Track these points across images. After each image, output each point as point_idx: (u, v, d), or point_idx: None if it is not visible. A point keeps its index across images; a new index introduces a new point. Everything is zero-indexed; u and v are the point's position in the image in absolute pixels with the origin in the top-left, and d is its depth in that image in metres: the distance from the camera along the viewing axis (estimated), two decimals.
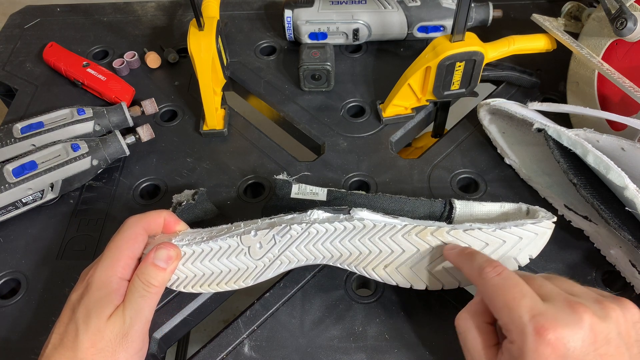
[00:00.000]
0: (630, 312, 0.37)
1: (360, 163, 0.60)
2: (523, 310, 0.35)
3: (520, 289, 0.37)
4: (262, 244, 0.45)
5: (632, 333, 0.37)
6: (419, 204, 0.50)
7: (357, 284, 0.52)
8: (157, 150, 0.63)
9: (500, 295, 0.37)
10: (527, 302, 0.36)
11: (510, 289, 0.37)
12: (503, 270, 0.39)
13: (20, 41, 0.77)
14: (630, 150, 0.48)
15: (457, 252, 0.43)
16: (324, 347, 0.47)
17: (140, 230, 0.45)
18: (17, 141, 0.58)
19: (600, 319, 0.35)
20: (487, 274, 0.39)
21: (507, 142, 0.59)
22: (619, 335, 0.36)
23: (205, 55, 0.57)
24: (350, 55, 0.72)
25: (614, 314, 0.36)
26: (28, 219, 0.57)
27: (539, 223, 0.44)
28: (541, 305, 0.36)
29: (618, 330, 0.36)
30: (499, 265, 0.39)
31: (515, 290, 0.37)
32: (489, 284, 0.38)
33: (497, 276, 0.38)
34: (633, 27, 0.52)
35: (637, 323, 0.37)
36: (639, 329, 0.37)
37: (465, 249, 0.43)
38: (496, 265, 0.39)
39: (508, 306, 0.36)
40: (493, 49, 0.58)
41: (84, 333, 0.40)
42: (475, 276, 0.40)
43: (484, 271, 0.39)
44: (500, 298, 0.37)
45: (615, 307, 0.36)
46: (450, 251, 0.43)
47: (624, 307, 0.37)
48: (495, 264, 0.39)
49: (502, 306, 0.37)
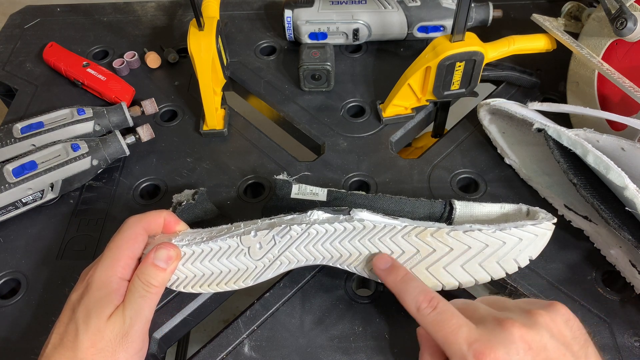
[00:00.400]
0: (558, 313, 0.38)
1: (360, 163, 0.60)
2: (461, 340, 0.37)
3: (456, 320, 0.38)
4: (262, 244, 0.45)
5: (566, 332, 0.38)
6: (418, 205, 0.50)
7: (357, 284, 0.52)
8: (157, 150, 0.63)
9: (439, 331, 0.38)
10: (464, 332, 0.37)
11: (446, 323, 0.38)
12: (437, 302, 0.40)
13: (20, 41, 0.77)
14: (630, 150, 0.48)
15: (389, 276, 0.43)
16: (324, 347, 0.47)
17: (140, 230, 0.45)
18: (17, 141, 0.58)
19: (528, 327, 0.37)
20: (424, 311, 0.40)
21: (507, 142, 0.59)
22: (553, 337, 0.37)
23: (205, 55, 0.57)
24: (350, 55, 0.72)
25: (542, 319, 0.37)
26: (28, 219, 0.57)
27: (539, 224, 0.44)
28: (475, 332, 0.37)
29: (551, 334, 0.37)
30: (433, 296, 0.40)
31: (451, 323, 0.38)
32: (427, 320, 0.40)
33: (433, 311, 0.40)
34: (633, 27, 0.52)
35: (569, 321, 0.38)
36: (572, 326, 0.38)
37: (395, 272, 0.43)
38: (430, 299, 0.40)
39: (447, 341, 0.38)
40: (493, 49, 0.58)
41: (84, 333, 0.40)
42: (412, 312, 0.41)
43: (420, 308, 0.40)
44: (440, 334, 0.38)
45: (542, 312, 0.38)
46: (381, 271, 0.44)
47: (552, 309, 0.38)
48: (429, 296, 0.40)
49: (443, 342, 0.38)
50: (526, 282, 0.50)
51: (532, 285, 0.50)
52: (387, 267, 0.44)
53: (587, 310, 0.48)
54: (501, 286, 0.50)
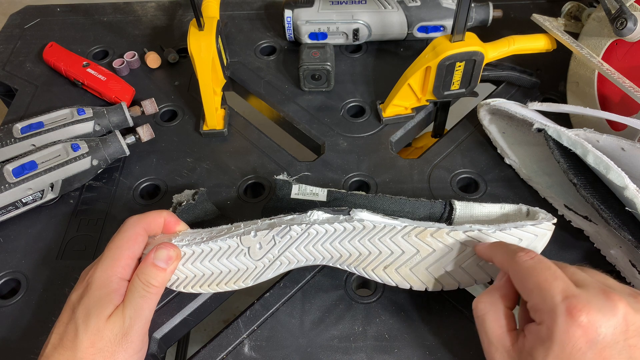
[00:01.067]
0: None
1: (360, 163, 0.60)
2: (555, 290, 0.35)
3: (554, 272, 0.37)
4: (262, 244, 0.45)
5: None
6: (419, 205, 0.50)
7: (357, 284, 0.52)
8: (157, 150, 0.63)
9: (533, 276, 0.37)
10: (560, 284, 0.36)
11: (543, 271, 0.37)
12: (536, 255, 0.39)
13: (20, 41, 0.77)
14: (630, 150, 0.48)
15: (489, 244, 0.43)
16: (324, 347, 0.47)
17: (141, 230, 0.45)
18: (17, 141, 0.58)
19: (634, 310, 0.35)
20: (520, 257, 0.39)
21: (507, 142, 0.59)
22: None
23: (205, 55, 0.57)
24: (350, 55, 0.72)
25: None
26: (28, 219, 0.57)
27: (538, 224, 0.44)
28: (575, 289, 0.35)
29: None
30: (532, 251, 0.39)
31: (548, 272, 0.37)
32: (522, 266, 0.38)
33: (530, 259, 0.38)
34: (633, 27, 0.52)
35: None
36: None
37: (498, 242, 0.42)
38: (529, 251, 0.39)
39: (540, 287, 0.36)
40: (493, 49, 0.58)
41: (83, 333, 0.40)
42: (507, 260, 0.40)
43: (517, 255, 0.39)
44: (532, 279, 0.37)
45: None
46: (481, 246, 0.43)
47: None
48: (528, 250, 0.39)
49: (533, 287, 0.36)
50: None
51: None
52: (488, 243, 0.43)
53: None
54: None
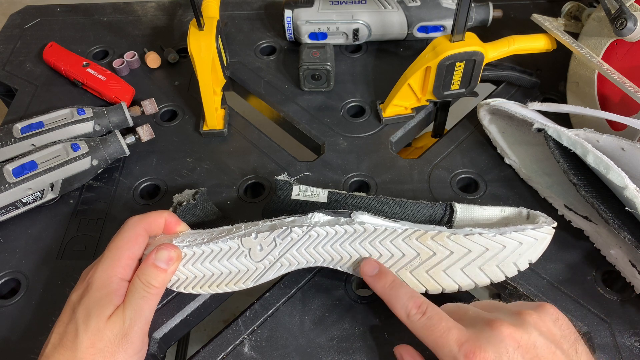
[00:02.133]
0: (547, 312, 0.39)
1: (360, 163, 0.60)
2: (451, 343, 0.38)
3: (446, 323, 0.39)
4: (263, 246, 0.45)
5: (554, 331, 0.38)
6: (419, 207, 0.50)
7: (357, 284, 0.52)
8: (157, 150, 0.63)
9: (429, 335, 0.39)
10: (454, 334, 0.38)
11: (436, 327, 0.39)
12: (427, 307, 0.41)
13: (20, 41, 0.77)
14: (630, 150, 0.48)
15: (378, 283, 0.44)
16: (324, 347, 0.47)
17: (141, 230, 0.45)
18: (17, 141, 0.58)
19: (517, 327, 0.37)
20: (413, 317, 0.41)
21: (507, 142, 0.59)
22: (542, 335, 0.37)
23: (205, 55, 0.57)
24: (350, 55, 0.72)
25: (530, 318, 0.38)
26: (28, 219, 0.57)
27: (539, 228, 0.44)
28: (465, 333, 0.38)
29: (539, 332, 0.38)
30: (422, 301, 0.41)
31: (441, 327, 0.39)
32: (417, 326, 0.41)
33: (422, 317, 0.40)
34: (633, 27, 0.52)
35: (558, 320, 0.39)
36: (561, 325, 0.39)
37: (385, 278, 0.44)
38: (419, 304, 0.41)
39: (438, 344, 0.39)
40: (493, 49, 0.58)
41: (83, 333, 0.40)
42: (403, 319, 0.42)
43: (410, 314, 0.41)
44: (430, 338, 0.39)
45: (531, 312, 0.39)
46: (369, 277, 0.44)
47: (541, 309, 0.39)
48: (418, 302, 0.41)
49: (433, 345, 0.39)
50: (526, 282, 0.50)
51: (532, 285, 0.50)
52: (375, 274, 0.44)
53: (587, 310, 0.48)
54: (501, 286, 0.50)
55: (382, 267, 0.45)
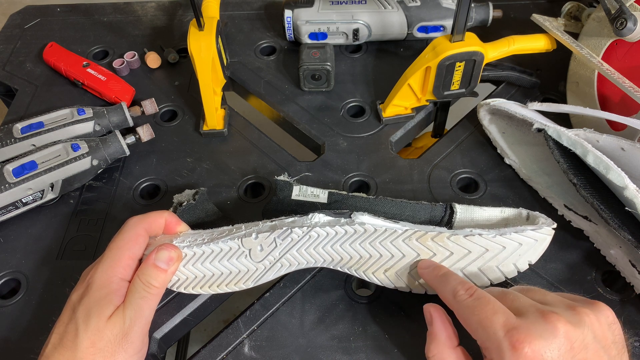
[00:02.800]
0: (604, 314, 0.38)
1: (360, 163, 0.60)
2: (497, 326, 0.36)
3: (492, 306, 0.38)
4: (263, 246, 0.45)
5: (608, 335, 0.37)
6: (419, 208, 0.50)
7: (357, 284, 0.52)
8: (157, 150, 0.63)
9: (474, 315, 0.38)
10: (501, 319, 0.37)
11: (482, 308, 0.38)
12: (475, 290, 0.40)
13: (20, 41, 0.77)
14: (630, 150, 0.48)
15: (430, 273, 0.43)
16: (324, 347, 0.47)
17: (142, 231, 0.45)
18: (17, 141, 0.58)
19: (574, 325, 0.36)
20: (460, 297, 0.40)
21: (507, 142, 0.59)
22: (595, 339, 0.36)
23: (205, 55, 0.57)
24: (350, 55, 0.72)
25: (588, 319, 0.37)
26: (28, 219, 0.57)
27: (538, 229, 0.44)
28: (515, 320, 0.36)
29: (594, 335, 0.36)
30: (471, 286, 0.40)
31: (487, 308, 0.38)
32: (463, 306, 0.39)
33: (469, 297, 0.39)
34: (633, 27, 0.52)
35: (613, 324, 0.38)
36: (614, 330, 0.38)
37: (438, 269, 0.43)
38: (468, 287, 0.40)
39: (482, 325, 0.37)
40: (493, 49, 0.58)
41: (83, 333, 0.40)
42: (449, 300, 0.41)
43: (457, 294, 0.40)
44: (474, 318, 0.38)
45: (588, 312, 0.37)
46: (424, 270, 0.44)
47: (598, 310, 0.38)
48: (467, 286, 0.40)
49: (477, 326, 0.38)
50: (526, 282, 0.50)
51: (532, 285, 0.49)
52: (430, 266, 0.44)
53: None
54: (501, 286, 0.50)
55: (437, 263, 0.44)
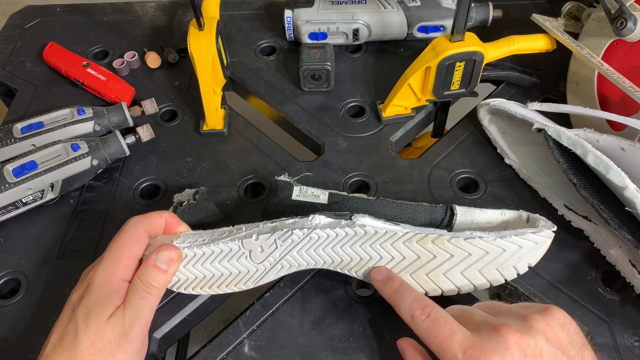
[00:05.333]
0: (554, 317, 0.38)
1: (360, 163, 0.60)
2: (456, 347, 0.37)
3: (450, 327, 0.38)
4: (264, 248, 0.45)
5: (562, 336, 0.38)
6: (420, 210, 0.50)
7: (357, 284, 0.52)
8: (157, 150, 0.63)
9: (433, 337, 0.39)
10: (458, 338, 0.37)
11: (440, 330, 0.39)
12: (431, 310, 0.40)
13: (20, 41, 0.77)
14: (630, 150, 0.48)
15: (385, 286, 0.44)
16: (324, 347, 0.47)
17: (142, 231, 0.45)
18: (17, 141, 0.58)
19: (524, 333, 0.37)
20: (418, 319, 0.40)
21: (507, 142, 0.59)
22: (549, 342, 0.37)
23: (205, 55, 0.57)
24: (350, 55, 0.72)
25: (537, 324, 0.37)
26: (28, 219, 0.57)
27: (539, 232, 0.44)
28: (469, 338, 0.37)
29: (546, 339, 0.37)
30: (427, 303, 0.41)
31: (445, 330, 0.38)
32: (421, 327, 0.40)
33: (426, 319, 0.40)
34: (633, 27, 0.52)
35: (566, 325, 0.38)
36: (569, 330, 0.38)
37: (391, 282, 0.44)
38: (424, 306, 0.41)
39: (442, 347, 0.38)
40: (493, 49, 0.58)
41: (83, 333, 0.40)
42: (407, 320, 0.42)
43: (414, 315, 0.41)
44: (434, 341, 0.39)
45: (537, 317, 0.38)
46: (378, 282, 0.45)
47: (548, 314, 0.38)
48: (423, 304, 0.41)
49: (437, 348, 0.39)
50: (526, 282, 0.50)
51: (532, 285, 0.50)
52: (383, 278, 0.44)
53: (587, 310, 0.48)
54: (501, 286, 0.50)
55: (391, 273, 0.45)
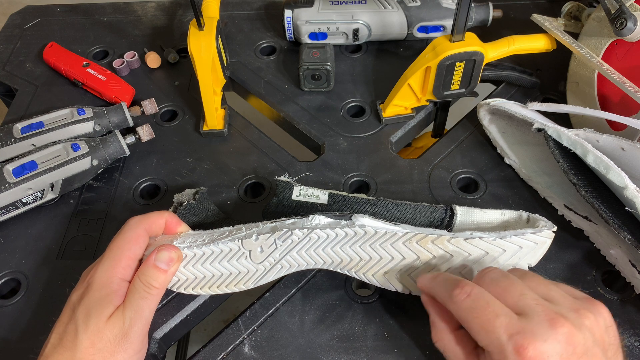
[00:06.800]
0: (602, 316, 0.38)
1: (360, 163, 0.60)
2: (500, 330, 0.36)
3: (493, 308, 0.37)
4: (264, 248, 0.45)
5: (605, 337, 0.38)
6: (420, 210, 0.50)
7: (357, 284, 0.52)
8: (157, 150, 0.63)
9: (475, 318, 0.37)
10: (503, 322, 0.36)
11: (482, 310, 0.37)
12: (472, 289, 0.38)
13: (20, 41, 0.77)
14: (630, 150, 0.48)
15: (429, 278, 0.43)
16: (324, 347, 0.47)
17: (142, 231, 0.45)
18: (17, 141, 0.58)
19: (577, 329, 0.36)
20: (458, 298, 0.39)
21: (507, 142, 0.59)
22: (595, 342, 0.36)
23: (205, 55, 0.57)
24: (350, 55, 0.72)
25: (588, 322, 0.37)
26: (28, 219, 0.57)
27: (539, 233, 0.44)
28: (517, 323, 0.36)
29: (594, 338, 0.36)
30: (467, 284, 0.39)
31: (488, 311, 0.37)
32: (461, 307, 0.38)
33: (467, 298, 0.38)
34: (633, 27, 0.52)
35: (609, 327, 0.38)
36: (611, 332, 0.38)
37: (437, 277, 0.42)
38: (464, 286, 0.39)
39: (484, 329, 0.36)
40: (493, 49, 0.58)
41: (83, 333, 0.40)
42: (447, 301, 0.40)
43: (454, 295, 0.39)
44: (475, 321, 0.37)
45: (589, 315, 0.37)
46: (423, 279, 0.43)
47: (597, 312, 0.38)
48: (463, 284, 0.39)
49: (478, 329, 0.37)
50: None
51: None
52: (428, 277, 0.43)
53: None
54: None
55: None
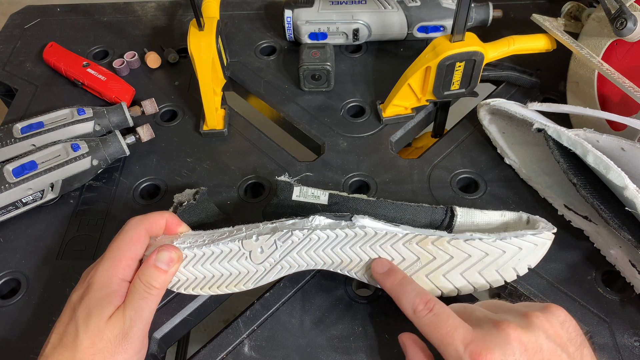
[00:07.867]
0: (554, 314, 0.39)
1: (360, 163, 0.60)
2: (457, 342, 0.38)
3: (452, 322, 0.39)
4: (264, 248, 0.45)
5: (561, 333, 0.38)
6: (420, 211, 0.50)
7: (357, 284, 0.52)
8: (157, 150, 0.63)
9: (435, 332, 0.39)
10: (460, 333, 0.38)
11: (442, 324, 0.39)
12: (434, 305, 0.41)
13: (20, 41, 0.77)
14: (630, 150, 0.48)
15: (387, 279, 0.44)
16: (324, 347, 0.47)
17: (142, 231, 0.45)
18: (17, 141, 0.58)
19: (524, 329, 0.37)
20: (420, 313, 0.41)
21: (507, 142, 0.59)
22: (549, 338, 0.37)
23: (205, 55, 0.57)
24: (350, 55, 0.72)
25: (538, 321, 0.38)
26: (28, 219, 0.57)
27: (538, 234, 0.44)
28: (471, 333, 0.38)
29: (546, 335, 0.37)
30: (430, 299, 0.41)
31: (447, 325, 0.39)
32: (423, 322, 0.40)
33: (429, 313, 0.40)
34: (633, 27, 0.52)
35: (565, 322, 0.39)
36: (568, 328, 0.39)
37: (394, 275, 0.44)
38: (427, 300, 0.41)
39: (444, 342, 0.38)
40: (493, 49, 0.58)
41: (83, 333, 0.40)
42: (409, 315, 0.42)
43: (417, 310, 0.41)
44: (436, 335, 0.39)
45: (538, 314, 0.39)
46: (379, 274, 0.45)
47: (548, 311, 0.39)
48: (425, 299, 0.41)
49: (438, 343, 0.39)
50: (526, 282, 0.50)
51: (532, 285, 0.50)
52: (385, 271, 0.44)
53: (587, 310, 0.48)
54: (501, 286, 0.50)
55: (393, 265, 0.45)
